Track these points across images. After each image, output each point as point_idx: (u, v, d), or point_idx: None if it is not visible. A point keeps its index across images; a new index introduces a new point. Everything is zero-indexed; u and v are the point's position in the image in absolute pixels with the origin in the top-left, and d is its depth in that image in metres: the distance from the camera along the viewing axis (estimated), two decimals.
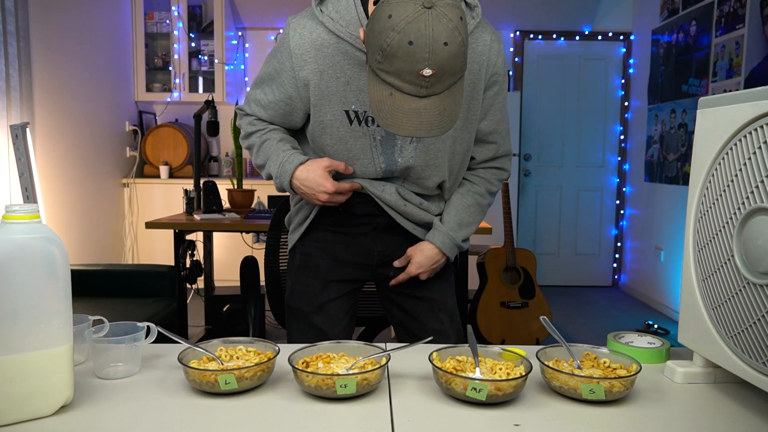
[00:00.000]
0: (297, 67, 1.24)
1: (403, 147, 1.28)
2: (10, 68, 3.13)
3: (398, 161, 1.29)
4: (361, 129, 1.26)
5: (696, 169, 0.94)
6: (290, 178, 1.27)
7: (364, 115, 1.25)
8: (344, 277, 1.40)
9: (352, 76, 1.22)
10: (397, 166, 1.29)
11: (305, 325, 1.39)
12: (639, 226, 4.92)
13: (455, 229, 1.37)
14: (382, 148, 1.27)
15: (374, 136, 1.26)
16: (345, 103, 1.24)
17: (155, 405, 0.83)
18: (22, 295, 0.76)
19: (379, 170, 1.30)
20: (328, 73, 1.23)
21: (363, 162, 1.29)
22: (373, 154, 1.27)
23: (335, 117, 1.25)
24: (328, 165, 1.26)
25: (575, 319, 4.25)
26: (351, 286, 1.42)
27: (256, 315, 2.49)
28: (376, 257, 1.39)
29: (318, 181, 1.25)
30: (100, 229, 4.33)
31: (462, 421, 0.79)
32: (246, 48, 5.10)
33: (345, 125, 1.26)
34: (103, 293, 2.69)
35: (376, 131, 1.26)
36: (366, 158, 1.28)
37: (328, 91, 1.24)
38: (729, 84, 3.64)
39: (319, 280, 1.39)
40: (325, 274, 1.39)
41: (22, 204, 0.78)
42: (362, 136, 1.26)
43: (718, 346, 0.87)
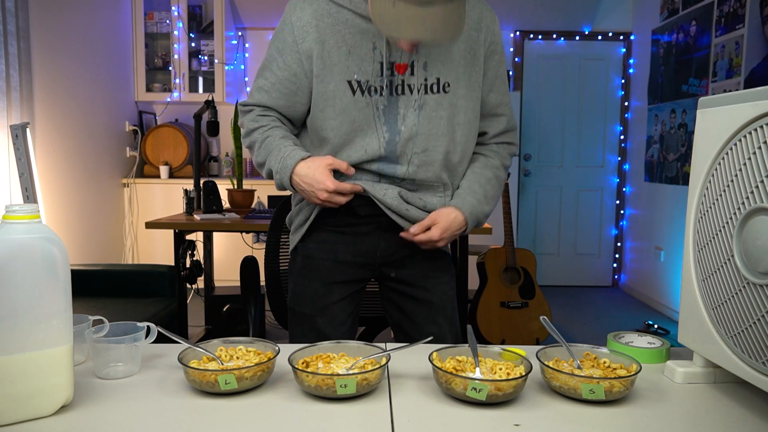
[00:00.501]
0: (299, 40, 1.26)
1: (406, 115, 1.26)
2: (10, 68, 3.13)
3: (401, 130, 1.27)
4: (364, 99, 1.25)
5: (696, 169, 0.94)
6: (290, 174, 1.26)
7: (367, 85, 1.25)
8: (347, 278, 1.39)
9: (354, 45, 1.24)
10: (401, 136, 1.27)
11: (307, 327, 1.38)
12: (639, 226, 4.92)
13: (482, 201, 1.36)
14: (384, 118, 1.26)
15: (377, 106, 1.26)
16: (347, 73, 1.25)
17: (155, 405, 0.83)
18: (22, 295, 0.76)
19: (382, 142, 1.27)
20: (330, 43, 1.24)
21: (367, 134, 1.27)
22: (377, 125, 1.26)
23: (338, 87, 1.25)
24: (330, 163, 1.25)
25: (575, 319, 4.25)
26: (354, 287, 1.41)
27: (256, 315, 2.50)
28: (378, 257, 1.38)
29: (318, 178, 1.24)
30: (100, 229, 4.33)
31: (462, 421, 0.79)
32: (246, 48, 5.10)
33: (348, 96, 1.25)
34: (103, 293, 2.69)
35: (378, 101, 1.26)
36: (369, 129, 1.26)
37: (330, 61, 1.25)
38: (729, 84, 3.64)
39: (321, 282, 1.38)
40: (327, 276, 1.38)
41: (22, 204, 0.78)
42: (365, 107, 1.26)
43: (718, 346, 0.87)
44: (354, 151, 1.28)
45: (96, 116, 4.25)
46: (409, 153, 1.28)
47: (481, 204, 1.36)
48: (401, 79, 1.26)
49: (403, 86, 1.26)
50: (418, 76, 1.26)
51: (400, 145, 1.28)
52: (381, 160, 1.29)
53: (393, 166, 1.29)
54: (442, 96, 1.28)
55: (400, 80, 1.26)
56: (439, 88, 1.28)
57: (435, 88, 1.27)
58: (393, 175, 1.30)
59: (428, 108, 1.27)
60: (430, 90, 1.27)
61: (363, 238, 1.36)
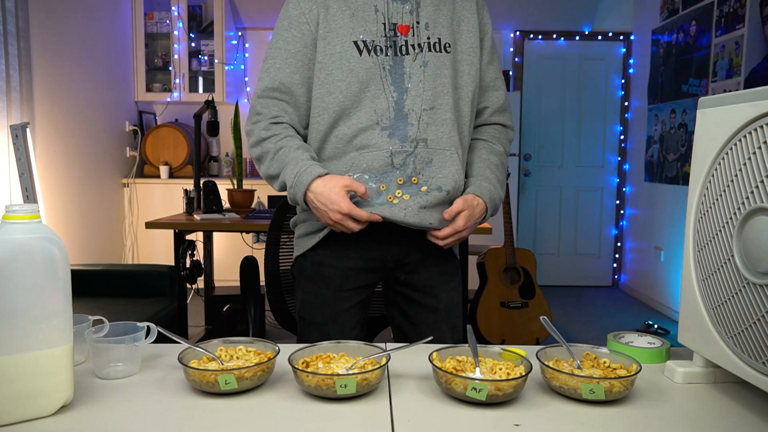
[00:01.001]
0: (306, 10, 1.29)
1: (411, 73, 1.28)
2: (10, 68, 3.13)
3: (408, 87, 1.27)
4: (370, 59, 1.27)
5: (696, 169, 0.94)
6: (305, 190, 1.24)
7: (372, 45, 1.27)
8: (358, 284, 1.36)
9: (357, 8, 1.28)
10: (408, 93, 1.27)
11: (318, 335, 1.34)
12: (639, 226, 4.92)
13: (497, 187, 1.37)
14: (391, 78, 1.27)
15: (383, 66, 1.27)
16: (353, 34, 1.27)
17: (155, 405, 0.83)
18: (22, 295, 0.76)
19: (391, 101, 1.27)
20: (334, 8, 1.28)
21: (375, 94, 1.27)
22: (384, 84, 1.27)
23: (344, 48, 1.27)
24: (348, 184, 1.22)
25: (575, 319, 4.25)
26: (364, 293, 1.39)
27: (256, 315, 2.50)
28: (390, 260, 1.36)
29: (333, 198, 1.21)
30: (100, 229, 4.33)
31: (462, 421, 0.79)
32: (246, 48, 5.10)
33: (355, 56, 1.27)
34: (103, 293, 2.69)
35: (384, 60, 1.27)
36: (377, 89, 1.27)
37: (335, 24, 1.28)
38: (729, 84, 3.64)
39: (332, 290, 1.35)
40: (338, 284, 1.35)
41: (22, 204, 0.78)
42: (372, 66, 1.27)
43: (718, 346, 0.87)
44: (363, 113, 1.27)
45: (96, 116, 4.25)
46: (418, 110, 1.28)
47: (497, 189, 1.37)
48: (404, 39, 1.29)
49: (406, 46, 1.28)
50: (419, 35, 1.29)
51: (408, 102, 1.28)
52: (391, 122, 1.27)
53: (403, 125, 1.27)
54: (444, 55, 1.30)
55: (403, 41, 1.29)
56: (441, 48, 1.30)
57: (437, 47, 1.30)
58: (404, 138, 1.27)
59: (432, 66, 1.29)
60: (433, 48, 1.29)
61: (374, 242, 1.33)
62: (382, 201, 1.28)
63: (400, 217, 1.27)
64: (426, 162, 1.29)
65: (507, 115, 1.47)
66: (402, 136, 1.27)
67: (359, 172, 1.28)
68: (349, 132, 1.29)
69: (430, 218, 1.29)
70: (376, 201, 1.27)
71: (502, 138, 1.45)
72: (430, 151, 1.29)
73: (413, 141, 1.28)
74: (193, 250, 3.00)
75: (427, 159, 1.29)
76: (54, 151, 3.71)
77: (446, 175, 1.30)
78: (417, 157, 1.28)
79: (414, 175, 1.28)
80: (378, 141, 1.27)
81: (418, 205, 1.28)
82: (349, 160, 1.29)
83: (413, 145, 1.28)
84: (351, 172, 1.28)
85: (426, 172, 1.29)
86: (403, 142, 1.27)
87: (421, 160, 1.28)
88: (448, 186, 1.30)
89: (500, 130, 1.46)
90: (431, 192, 1.30)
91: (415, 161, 1.28)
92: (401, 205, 1.28)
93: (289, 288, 1.92)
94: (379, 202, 1.28)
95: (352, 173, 1.28)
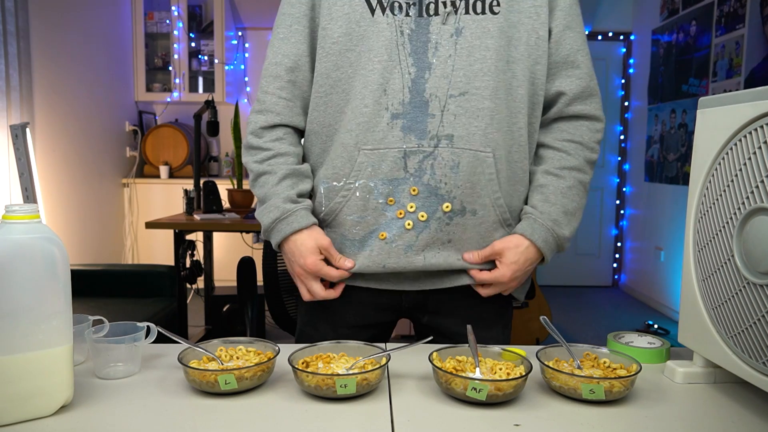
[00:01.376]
0: None
1: (439, 43, 0.96)
2: (10, 68, 3.13)
3: (432, 63, 0.96)
4: (384, 20, 0.97)
5: (696, 169, 0.93)
6: (281, 241, 1.05)
7: (389, 1, 0.97)
8: (364, 322, 1.11)
9: None
10: (431, 72, 0.96)
11: None
12: (639, 226, 4.92)
13: (560, 223, 1.03)
14: (411, 47, 0.96)
15: (401, 29, 0.97)
16: None
17: (155, 405, 0.83)
18: (22, 295, 0.76)
19: (407, 80, 0.97)
20: None
21: (387, 68, 0.97)
22: (400, 55, 0.96)
23: (352, 7, 0.99)
24: (326, 247, 1.02)
25: (575, 319, 4.25)
26: (372, 332, 1.13)
27: (253, 316, 2.50)
28: (404, 301, 1.09)
29: (301, 250, 1.01)
30: (100, 229, 4.33)
31: (462, 421, 0.79)
32: (246, 48, 5.10)
33: (366, 17, 0.98)
34: (103, 293, 2.69)
35: (403, 22, 0.96)
36: (391, 62, 0.97)
37: None
38: (729, 84, 3.64)
39: (331, 326, 1.11)
40: (339, 319, 1.11)
41: (22, 204, 0.78)
42: (386, 29, 0.97)
43: (718, 346, 0.87)
44: (370, 92, 0.99)
45: (96, 116, 4.25)
46: (443, 96, 0.96)
47: (559, 226, 1.03)
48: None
49: (436, 4, 0.97)
50: None
51: (431, 84, 0.97)
52: (405, 108, 0.98)
53: (422, 116, 0.97)
54: (488, 18, 0.97)
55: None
56: (485, 7, 0.97)
57: (479, 6, 0.97)
58: (423, 134, 0.97)
59: (468, 34, 0.96)
60: (472, 8, 0.97)
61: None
62: (389, 221, 1.01)
63: (402, 264, 1.00)
64: (450, 167, 0.98)
65: (592, 103, 1.07)
66: (420, 130, 0.97)
67: (362, 179, 1.00)
68: (349, 118, 1.01)
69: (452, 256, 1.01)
70: (381, 222, 1.02)
71: (585, 138, 1.07)
72: (456, 153, 0.98)
73: (434, 138, 0.97)
74: (193, 250, 3.00)
75: (452, 162, 0.98)
76: (54, 151, 3.71)
77: (479, 191, 1.00)
78: (437, 160, 0.98)
79: (434, 183, 0.99)
80: (387, 134, 0.99)
81: (439, 236, 1.00)
82: (348, 161, 1.01)
83: (433, 143, 0.98)
84: (352, 178, 1.01)
85: (450, 180, 0.98)
86: (421, 138, 0.97)
87: (442, 164, 0.98)
88: (483, 207, 1.00)
89: (581, 128, 1.08)
90: (456, 216, 1.00)
91: (434, 165, 0.98)
92: (413, 235, 1.00)
93: (288, 288, 1.92)
94: (385, 224, 1.01)
95: (353, 180, 1.01)
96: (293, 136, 1.11)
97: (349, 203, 1.02)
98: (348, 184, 1.02)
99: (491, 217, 1.02)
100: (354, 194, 1.02)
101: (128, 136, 4.77)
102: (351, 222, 1.03)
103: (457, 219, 1.00)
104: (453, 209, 1.00)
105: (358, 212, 1.02)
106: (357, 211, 1.02)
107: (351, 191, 1.02)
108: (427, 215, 0.99)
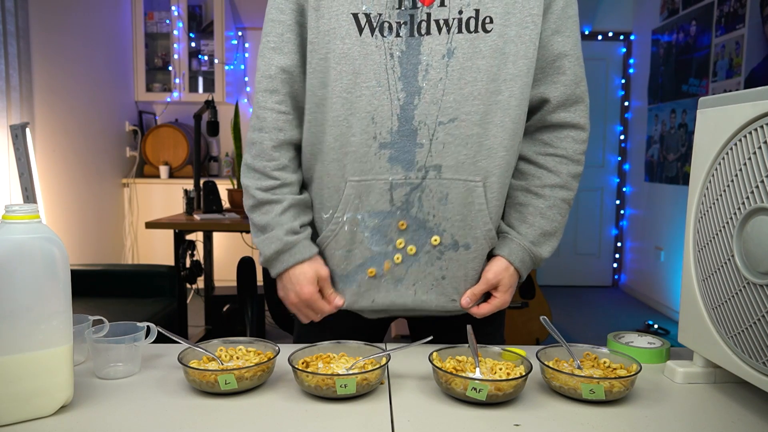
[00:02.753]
0: None
1: (429, 65, 0.92)
2: (10, 68, 3.13)
3: (422, 88, 0.92)
4: (374, 41, 0.93)
5: (696, 169, 0.94)
6: (282, 272, 1.03)
7: (379, 20, 0.93)
8: (363, 323, 1.12)
9: None
10: (420, 97, 0.93)
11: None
12: (639, 226, 4.92)
13: (538, 243, 1.04)
14: (401, 69, 0.92)
15: (391, 52, 0.92)
16: (352, 3, 0.93)
17: (155, 405, 0.83)
18: (22, 295, 0.76)
19: (396, 106, 0.93)
20: None
21: (374, 94, 0.93)
22: (389, 79, 0.92)
23: (339, 23, 0.94)
24: (324, 278, 1.02)
25: (575, 319, 4.25)
26: (369, 333, 1.14)
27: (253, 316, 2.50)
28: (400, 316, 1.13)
29: (300, 279, 1.00)
30: (100, 229, 4.33)
31: (462, 421, 0.79)
32: (246, 48, 5.10)
33: (352, 35, 0.93)
34: (103, 293, 2.69)
35: (393, 44, 0.92)
36: (380, 87, 0.93)
37: None
38: (729, 84, 3.64)
39: (329, 333, 1.08)
40: (339, 320, 1.10)
41: (22, 204, 0.78)
42: (375, 52, 0.93)
43: (718, 346, 0.87)
44: (357, 120, 0.95)
45: (96, 116, 4.25)
46: (432, 124, 0.93)
47: (537, 246, 1.04)
48: (426, 12, 0.92)
49: (428, 23, 0.92)
50: (450, 4, 0.92)
51: (420, 110, 0.93)
52: (392, 137, 0.94)
53: (410, 146, 0.94)
54: (481, 37, 0.93)
55: (424, 14, 0.92)
56: (477, 26, 0.93)
57: (472, 23, 0.92)
58: (410, 165, 0.95)
59: (461, 55, 0.92)
60: (464, 27, 0.92)
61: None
62: (376, 256, 1.00)
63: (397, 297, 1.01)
64: (438, 198, 0.96)
65: (577, 110, 1.04)
66: (407, 161, 0.95)
67: (350, 212, 0.98)
68: (334, 144, 0.97)
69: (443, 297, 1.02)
70: (368, 256, 1.01)
71: (569, 151, 1.05)
72: (443, 184, 0.95)
73: (421, 169, 0.95)
74: (193, 250, 3.00)
75: (440, 194, 0.96)
76: (54, 151, 3.71)
77: (470, 222, 0.98)
78: (425, 192, 0.96)
79: (422, 216, 0.97)
80: (374, 165, 0.96)
81: (430, 271, 1.00)
82: (335, 192, 0.99)
83: (421, 174, 0.95)
84: (340, 211, 0.99)
85: (439, 213, 0.97)
86: (408, 170, 0.95)
87: (430, 196, 0.96)
88: (475, 241, 0.99)
89: (566, 140, 1.05)
90: (447, 250, 0.99)
91: (422, 197, 0.96)
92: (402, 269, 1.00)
93: None
94: (372, 258, 1.01)
95: (341, 213, 0.99)
96: (296, 159, 1.07)
97: (338, 237, 1.01)
98: (336, 217, 1.00)
99: (484, 250, 1.02)
100: (342, 228, 1.00)
101: (128, 136, 4.77)
102: (339, 257, 1.02)
103: (449, 254, 0.99)
104: (443, 243, 0.99)
105: (346, 246, 1.01)
106: (345, 245, 1.01)
107: (339, 225, 1.00)
108: (416, 248, 0.99)
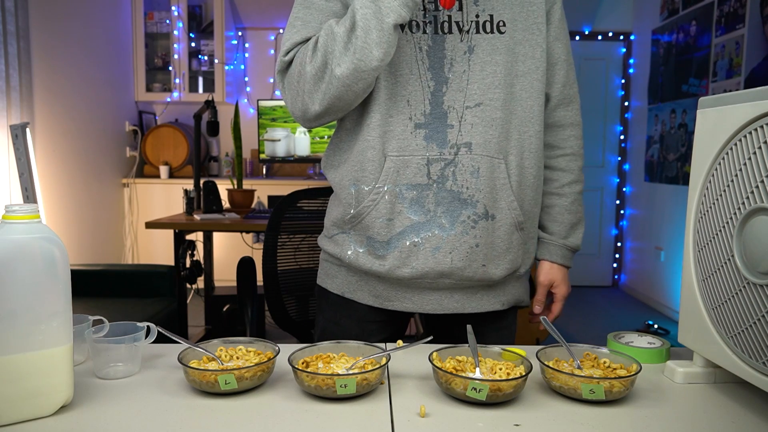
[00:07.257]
0: None
1: (454, 59, 1.07)
2: (10, 68, 3.13)
3: (448, 78, 1.06)
4: (404, 36, 1.06)
5: (696, 169, 0.94)
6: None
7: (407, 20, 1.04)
8: (388, 317, 1.19)
9: None
10: (448, 86, 1.07)
11: None
12: (639, 226, 4.92)
13: (568, 236, 1.25)
14: (429, 61, 1.07)
15: (419, 45, 1.07)
16: None
17: (155, 405, 0.83)
18: (22, 295, 0.76)
19: (427, 92, 1.07)
20: None
21: (409, 81, 1.07)
22: (420, 69, 1.06)
23: None
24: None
25: (575, 319, 4.25)
26: (395, 327, 1.21)
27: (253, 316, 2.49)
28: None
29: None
30: (100, 229, 4.33)
31: (462, 421, 0.79)
32: (246, 48, 5.10)
33: None
34: (103, 293, 2.69)
35: (421, 39, 1.07)
36: (412, 75, 1.06)
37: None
38: (729, 84, 3.64)
39: (356, 320, 1.18)
40: (364, 314, 1.18)
41: (22, 204, 0.78)
42: (405, 45, 1.06)
43: (718, 346, 0.87)
44: (395, 104, 1.07)
45: (96, 116, 4.25)
46: (460, 108, 1.07)
47: (569, 238, 1.25)
48: (447, 14, 1.07)
49: (450, 23, 1.07)
50: (467, 11, 1.07)
51: (448, 96, 1.07)
52: (426, 119, 1.07)
53: (442, 127, 1.07)
54: (496, 37, 1.08)
55: (446, 16, 1.07)
56: (493, 27, 1.08)
57: (488, 26, 1.08)
58: (443, 143, 1.07)
59: (480, 51, 1.07)
60: (482, 29, 1.08)
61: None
62: (415, 225, 1.09)
63: (436, 264, 1.08)
64: (471, 172, 1.08)
65: (573, 109, 1.23)
66: (441, 140, 1.07)
67: (390, 184, 1.08)
68: (377, 124, 1.08)
69: (477, 264, 1.10)
70: (407, 225, 1.09)
71: (575, 148, 1.26)
72: (475, 159, 1.07)
73: (453, 146, 1.07)
74: (193, 250, 3.00)
75: (473, 168, 1.08)
76: (54, 151, 3.71)
77: (496, 194, 1.09)
78: (458, 167, 1.07)
79: (456, 189, 1.08)
80: (411, 142, 1.08)
81: (465, 239, 1.08)
82: (377, 165, 1.09)
83: (453, 151, 1.07)
84: (381, 182, 1.09)
85: (472, 185, 1.08)
86: (442, 147, 1.07)
87: (463, 170, 1.08)
88: (500, 211, 1.10)
89: (570, 139, 1.25)
90: (480, 219, 1.09)
91: (456, 172, 1.07)
92: (439, 237, 1.08)
93: (287, 288, 1.92)
94: (411, 228, 1.09)
95: (382, 184, 1.08)
96: None
97: (378, 206, 1.09)
98: (377, 188, 1.08)
99: (508, 221, 1.11)
100: (383, 198, 1.08)
101: (128, 136, 4.77)
102: (380, 225, 1.10)
103: (482, 223, 1.09)
104: (477, 213, 1.08)
105: (386, 215, 1.09)
106: (386, 214, 1.09)
107: (380, 194, 1.08)
108: (452, 218, 1.08)
